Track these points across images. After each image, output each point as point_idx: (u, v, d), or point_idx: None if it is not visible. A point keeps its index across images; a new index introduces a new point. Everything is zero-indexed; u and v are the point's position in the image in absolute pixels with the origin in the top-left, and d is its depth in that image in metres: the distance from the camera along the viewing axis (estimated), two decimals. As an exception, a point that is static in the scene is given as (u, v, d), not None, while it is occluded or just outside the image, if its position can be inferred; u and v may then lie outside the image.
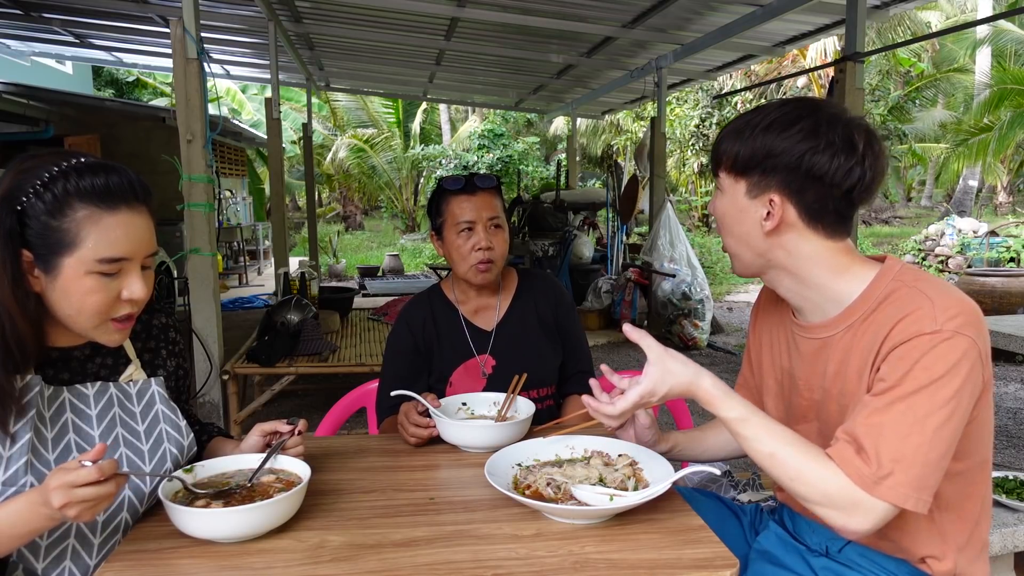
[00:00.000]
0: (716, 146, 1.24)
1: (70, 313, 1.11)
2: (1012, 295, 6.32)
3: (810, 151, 1.12)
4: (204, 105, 3.38)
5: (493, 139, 18.35)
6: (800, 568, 1.29)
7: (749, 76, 14.87)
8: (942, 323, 1.05)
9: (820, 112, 1.15)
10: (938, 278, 1.19)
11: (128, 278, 1.12)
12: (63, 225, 1.07)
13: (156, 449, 1.27)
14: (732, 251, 1.26)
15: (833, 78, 4.41)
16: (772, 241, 1.19)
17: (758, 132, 1.16)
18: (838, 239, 1.19)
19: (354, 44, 7.66)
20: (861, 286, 1.18)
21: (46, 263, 1.08)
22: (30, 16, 6.91)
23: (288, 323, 3.72)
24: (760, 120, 1.17)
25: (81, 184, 1.07)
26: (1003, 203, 18.49)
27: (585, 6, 5.60)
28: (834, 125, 1.14)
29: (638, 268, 7.19)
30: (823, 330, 1.22)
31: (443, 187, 1.84)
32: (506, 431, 1.51)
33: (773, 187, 1.16)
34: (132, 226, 1.11)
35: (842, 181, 1.13)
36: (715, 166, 1.25)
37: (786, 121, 1.15)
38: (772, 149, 1.14)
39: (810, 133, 1.13)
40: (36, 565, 1.13)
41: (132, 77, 19.61)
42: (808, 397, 1.27)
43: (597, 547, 1.11)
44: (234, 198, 11.75)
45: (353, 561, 1.07)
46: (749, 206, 1.19)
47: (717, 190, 1.26)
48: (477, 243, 1.77)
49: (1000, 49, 14.77)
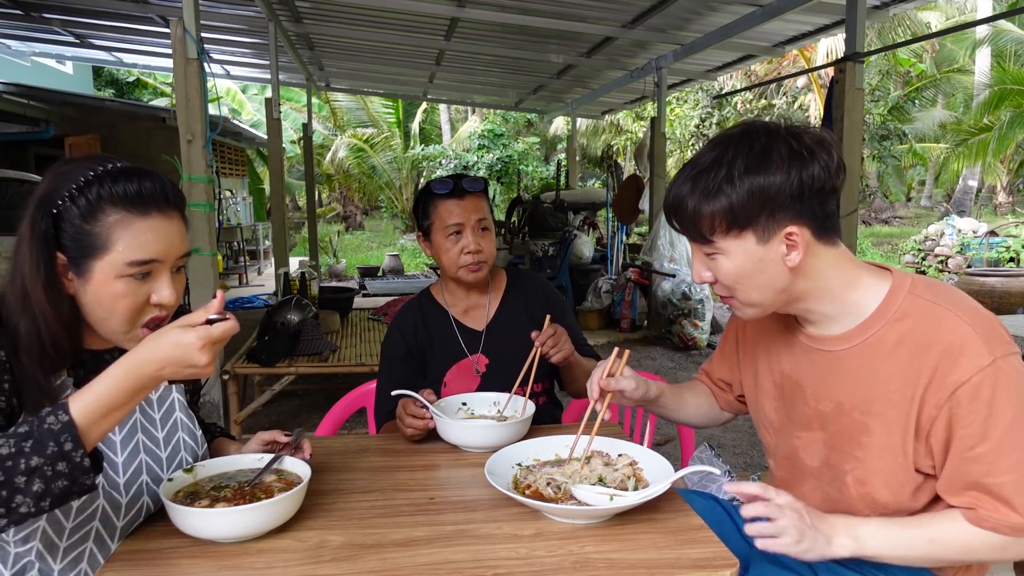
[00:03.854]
0: (689, 219, 1.15)
1: (102, 316, 1.12)
2: (1012, 295, 6.33)
3: (801, 170, 1.09)
4: (204, 105, 3.38)
5: (493, 139, 18.34)
6: (801, 568, 1.29)
7: (749, 76, 14.88)
8: (992, 351, 1.07)
9: (771, 132, 1.12)
10: (951, 287, 1.20)
11: (158, 282, 1.13)
12: (95, 229, 1.08)
13: (174, 457, 1.29)
14: (754, 301, 1.19)
15: (833, 78, 4.41)
16: (795, 272, 1.15)
17: (737, 180, 1.09)
18: (838, 243, 1.19)
19: (354, 44, 7.66)
20: (876, 298, 1.18)
21: (78, 266, 1.09)
22: (30, 16, 6.91)
23: (288, 323, 3.72)
24: (722, 171, 1.11)
25: (114, 189, 1.08)
26: (1003, 203, 18.50)
27: (585, 6, 5.60)
28: (793, 135, 1.12)
29: (638, 268, 7.19)
30: (838, 343, 1.21)
31: (431, 190, 1.84)
32: (506, 431, 1.51)
33: (786, 221, 1.11)
34: (162, 230, 1.12)
35: (834, 179, 1.13)
36: (699, 237, 1.16)
37: (756, 156, 1.10)
38: (767, 188, 1.09)
39: (789, 154, 1.10)
40: (53, 566, 1.13)
41: (132, 77, 19.60)
42: (815, 407, 1.26)
43: (597, 547, 1.11)
44: (234, 198, 11.75)
45: (353, 561, 1.07)
46: (765, 252, 1.13)
47: (713, 257, 1.17)
48: (466, 246, 1.78)
49: (1000, 49, 14.77)
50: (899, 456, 1.15)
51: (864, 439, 1.19)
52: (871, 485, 1.19)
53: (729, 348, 1.54)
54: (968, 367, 1.07)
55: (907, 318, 1.14)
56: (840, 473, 1.22)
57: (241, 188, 12.72)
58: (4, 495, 0.90)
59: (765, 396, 1.39)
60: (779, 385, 1.35)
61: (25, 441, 0.92)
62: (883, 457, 1.17)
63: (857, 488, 1.20)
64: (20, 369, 1.08)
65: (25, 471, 0.91)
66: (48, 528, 1.11)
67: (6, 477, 0.90)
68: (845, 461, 1.23)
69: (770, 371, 1.37)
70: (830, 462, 1.26)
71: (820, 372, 1.25)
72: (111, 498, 1.18)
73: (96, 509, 1.16)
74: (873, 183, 19.26)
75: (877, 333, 1.16)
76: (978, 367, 1.06)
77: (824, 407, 1.25)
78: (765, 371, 1.38)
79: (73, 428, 0.94)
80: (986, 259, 9.75)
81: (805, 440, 1.29)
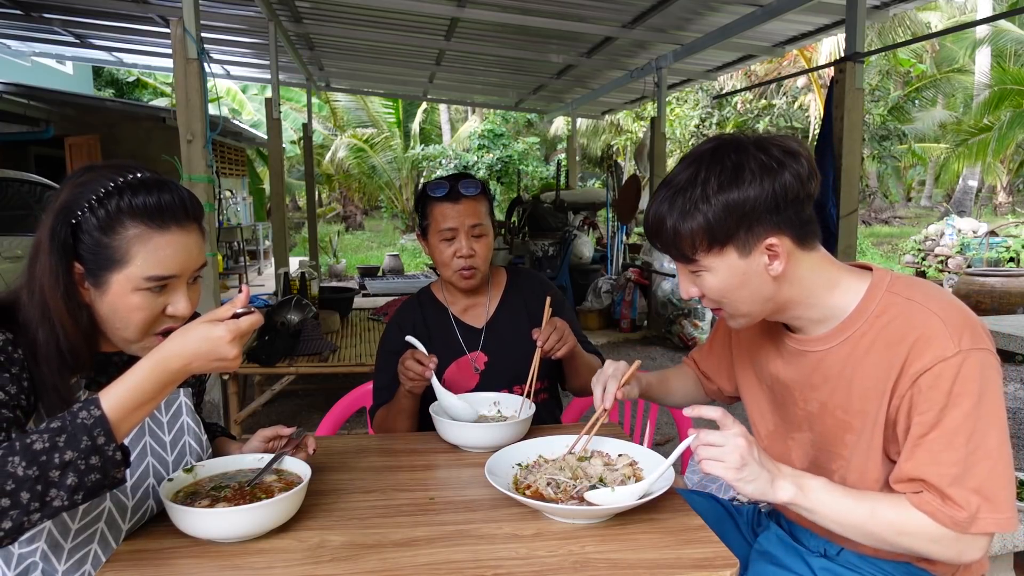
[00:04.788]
0: (670, 239, 1.16)
1: (117, 326, 1.12)
2: (1012, 295, 6.33)
3: (774, 181, 1.10)
4: (204, 105, 3.38)
5: (493, 139, 18.34)
6: (800, 569, 1.30)
7: (749, 76, 14.88)
8: (959, 343, 1.06)
9: (740, 147, 1.13)
10: (928, 283, 1.20)
11: (174, 295, 1.14)
12: (113, 242, 1.08)
13: (180, 460, 1.29)
14: (743, 312, 1.20)
15: (833, 78, 4.42)
16: (779, 281, 1.16)
17: (712, 198, 1.10)
18: (817, 247, 1.19)
19: (354, 44, 7.66)
20: (855, 299, 1.18)
21: (95, 277, 1.09)
22: (30, 16, 6.91)
23: (288, 323, 3.72)
24: (696, 190, 1.11)
25: (134, 202, 1.08)
26: (1003, 203, 18.49)
27: (585, 6, 5.60)
28: (762, 148, 1.12)
29: (638, 268, 7.19)
30: (820, 343, 1.22)
31: (427, 192, 1.83)
32: (506, 431, 1.51)
33: (765, 233, 1.12)
34: (181, 245, 1.12)
35: (807, 186, 1.13)
36: (681, 256, 1.17)
37: (729, 173, 1.10)
38: (743, 203, 1.09)
39: (759, 168, 1.10)
40: (57, 567, 1.13)
41: (132, 77, 19.60)
42: (804, 408, 1.27)
43: (597, 547, 1.11)
44: (234, 198, 11.75)
45: (353, 561, 1.07)
46: (747, 265, 1.14)
47: (698, 274, 1.18)
48: (458, 251, 1.78)
49: (1000, 49, 14.77)
50: (881, 451, 1.16)
51: (849, 438, 1.19)
52: (860, 484, 1.19)
53: (719, 346, 1.55)
54: (931, 356, 1.07)
55: (884, 315, 1.15)
56: (827, 473, 1.22)
57: (241, 188, 12.73)
58: (39, 489, 0.90)
59: (758, 401, 1.40)
60: (770, 389, 1.35)
61: (59, 436, 0.92)
62: (867, 455, 1.17)
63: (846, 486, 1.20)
64: (39, 374, 1.08)
65: (59, 465, 0.91)
66: (54, 529, 1.11)
67: (41, 471, 0.90)
68: (832, 461, 1.23)
69: (761, 377, 1.38)
70: (817, 462, 1.26)
71: (805, 373, 1.25)
72: (118, 500, 1.18)
73: (103, 511, 1.16)
74: (873, 183, 19.27)
75: (856, 332, 1.17)
76: (941, 356, 1.06)
77: (811, 407, 1.25)
78: (757, 377, 1.39)
79: (106, 422, 0.95)
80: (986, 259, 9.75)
81: (799, 441, 1.30)
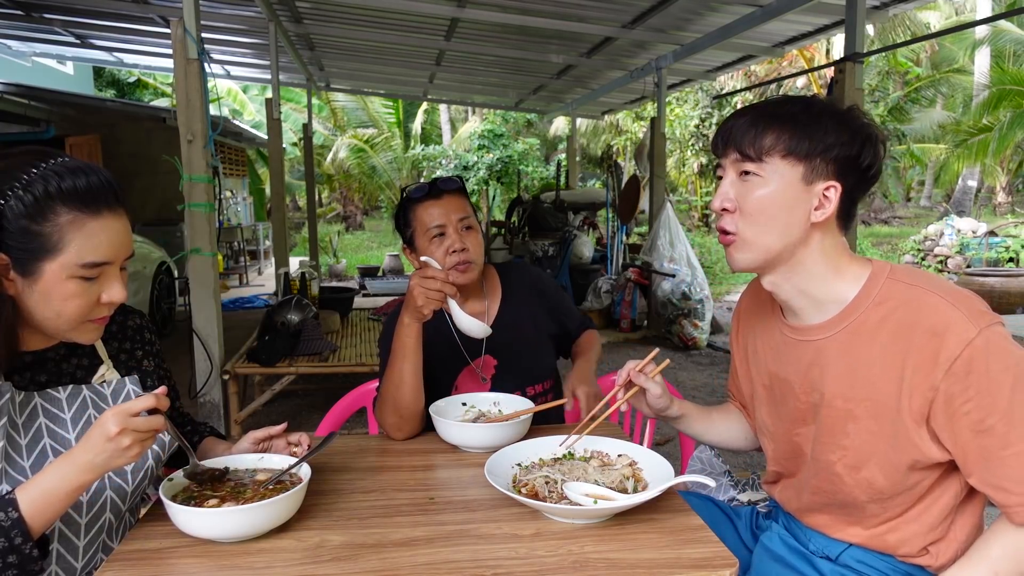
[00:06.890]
0: (751, 132, 1.13)
1: (48, 316, 1.09)
2: (1011, 295, 6.33)
3: (866, 140, 1.13)
4: (205, 105, 3.38)
5: (493, 139, 18.34)
6: (804, 568, 1.29)
7: (749, 76, 14.87)
8: (978, 323, 1.06)
9: (845, 108, 1.16)
10: (930, 272, 1.21)
11: (108, 281, 1.11)
12: (45, 230, 1.04)
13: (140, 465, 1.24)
14: (757, 243, 1.17)
15: (832, 78, 4.42)
16: (809, 233, 1.15)
17: (817, 114, 1.12)
18: (846, 233, 1.21)
19: (354, 44, 7.66)
20: (856, 287, 1.18)
21: (24, 267, 1.05)
22: (31, 17, 6.91)
23: (288, 323, 3.72)
24: (802, 104, 1.14)
25: (63, 187, 1.04)
26: (1002, 203, 18.48)
27: (585, 6, 5.60)
28: (863, 120, 1.15)
29: (638, 268, 7.19)
30: (818, 332, 1.21)
31: (408, 196, 1.82)
32: (506, 431, 1.52)
33: (833, 175, 1.13)
34: (114, 230, 1.10)
35: (875, 176, 1.16)
36: (749, 152, 1.14)
37: (838, 108, 1.14)
38: (840, 131, 1.12)
39: (861, 127, 1.13)
40: None
41: (133, 78, 19.59)
42: (805, 400, 1.25)
43: (596, 547, 1.11)
44: (234, 198, 11.75)
45: (353, 561, 1.07)
46: (801, 193, 1.13)
47: (749, 179, 1.15)
48: (451, 246, 1.75)
49: (999, 50, 14.75)
50: (889, 439, 1.14)
51: (850, 427, 1.18)
52: (867, 470, 1.17)
53: (738, 361, 1.50)
54: (956, 343, 1.06)
55: (888, 301, 1.14)
56: (826, 464, 1.21)
57: (241, 188, 12.72)
58: None
59: (760, 402, 1.38)
60: (768, 387, 1.34)
61: None
62: (873, 442, 1.16)
63: (851, 475, 1.19)
64: None
65: None
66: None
67: None
68: (830, 451, 1.21)
69: (759, 375, 1.36)
70: (814, 454, 1.25)
71: (804, 364, 1.24)
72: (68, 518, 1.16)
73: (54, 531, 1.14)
74: (873, 183, 19.22)
75: (858, 318, 1.16)
76: (966, 341, 1.05)
77: (812, 399, 1.24)
78: (756, 376, 1.38)
79: (23, 524, 1.00)
80: (985, 259, 9.75)
81: (803, 436, 1.28)
